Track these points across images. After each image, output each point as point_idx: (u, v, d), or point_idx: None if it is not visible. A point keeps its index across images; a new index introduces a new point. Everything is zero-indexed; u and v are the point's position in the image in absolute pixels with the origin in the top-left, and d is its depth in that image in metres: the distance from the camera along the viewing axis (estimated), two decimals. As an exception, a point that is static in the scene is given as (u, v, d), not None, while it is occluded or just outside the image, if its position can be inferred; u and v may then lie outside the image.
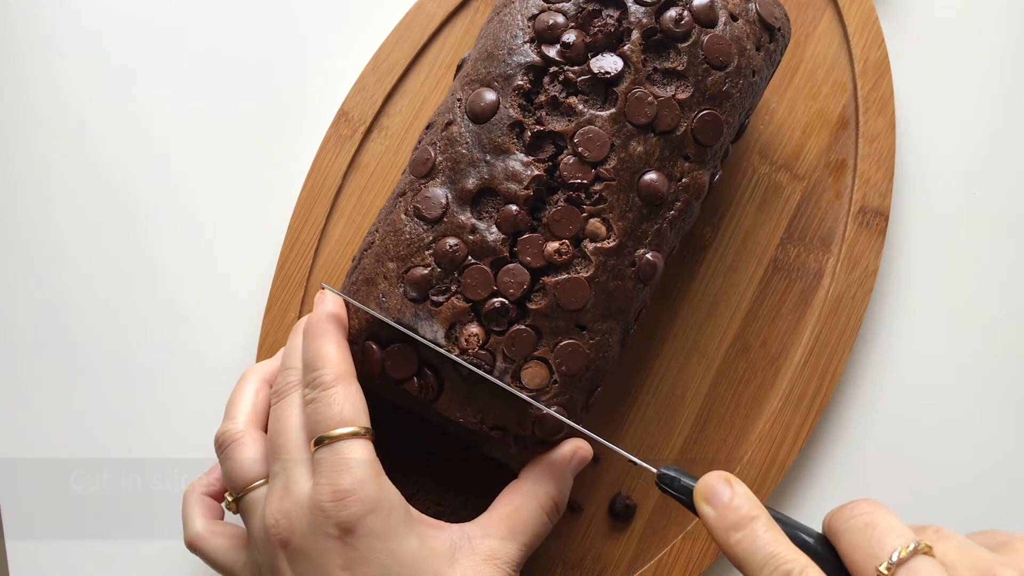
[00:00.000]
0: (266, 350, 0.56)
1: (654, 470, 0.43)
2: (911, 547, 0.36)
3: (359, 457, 0.42)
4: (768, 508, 0.40)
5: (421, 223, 0.46)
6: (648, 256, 0.46)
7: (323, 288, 0.48)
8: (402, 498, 0.43)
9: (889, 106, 0.57)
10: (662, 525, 0.55)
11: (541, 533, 0.45)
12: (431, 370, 0.45)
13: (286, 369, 0.46)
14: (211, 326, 0.59)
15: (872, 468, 0.58)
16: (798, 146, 0.58)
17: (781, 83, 0.58)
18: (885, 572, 0.36)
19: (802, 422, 0.55)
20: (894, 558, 0.36)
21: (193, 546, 0.47)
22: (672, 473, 0.42)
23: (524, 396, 0.45)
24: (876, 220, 0.56)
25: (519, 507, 0.45)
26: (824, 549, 0.39)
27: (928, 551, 0.36)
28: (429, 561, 0.42)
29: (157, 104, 0.61)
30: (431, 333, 0.45)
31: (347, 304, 0.48)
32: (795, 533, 0.40)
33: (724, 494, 0.40)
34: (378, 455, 0.43)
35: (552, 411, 0.45)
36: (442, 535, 0.43)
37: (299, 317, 0.56)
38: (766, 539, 0.38)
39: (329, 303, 0.47)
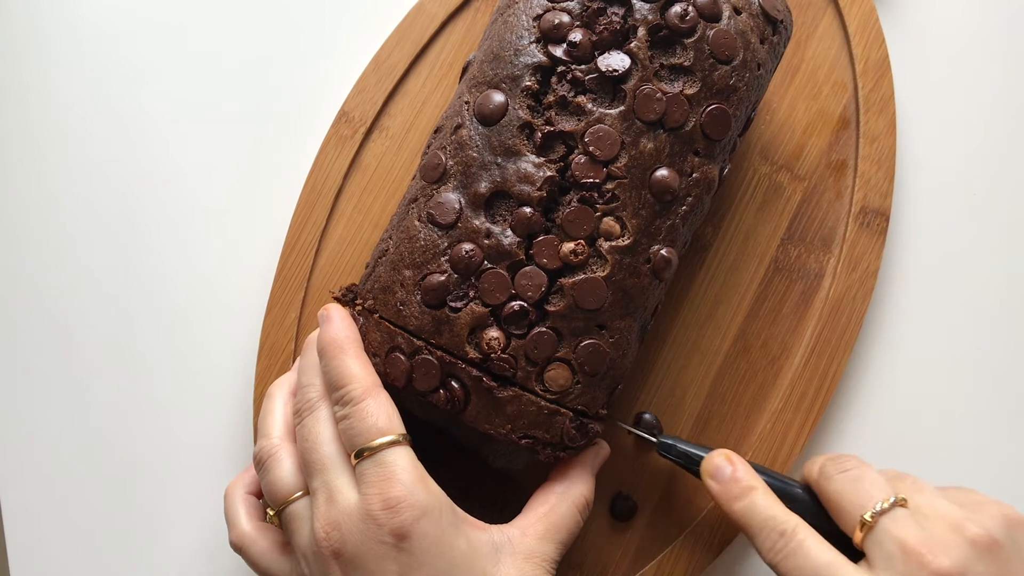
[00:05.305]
0: (267, 351, 0.56)
1: (654, 440, 0.51)
2: (891, 500, 0.44)
3: (403, 464, 0.42)
4: (756, 466, 0.48)
5: (435, 229, 0.46)
6: (663, 252, 0.46)
7: (330, 293, 0.48)
8: (448, 499, 0.43)
9: (890, 106, 0.57)
10: (663, 524, 0.55)
11: (575, 531, 0.47)
12: (456, 382, 0.45)
13: (304, 386, 0.47)
14: (212, 327, 0.59)
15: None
16: (799, 146, 0.58)
17: (782, 83, 0.58)
18: (869, 519, 0.44)
19: (803, 422, 0.55)
20: (877, 508, 0.44)
21: (239, 546, 0.47)
22: (670, 441, 0.51)
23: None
24: (877, 220, 0.56)
25: (554, 507, 0.46)
26: (806, 495, 0.48)
27: (904, 504, 0.44)
28: (478, 561, 0.43)
29: (157, 105, 0.61)
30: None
31: (366, 318, 0.48)
32: (785, 487, 0.48)
33: (726, 470, 0.48)
34: None
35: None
36: (484, 535, 0.44)
37: (300, 318, 0.56)
38: (763, 505, 0.46)
39: (338, 320, 0.47)
